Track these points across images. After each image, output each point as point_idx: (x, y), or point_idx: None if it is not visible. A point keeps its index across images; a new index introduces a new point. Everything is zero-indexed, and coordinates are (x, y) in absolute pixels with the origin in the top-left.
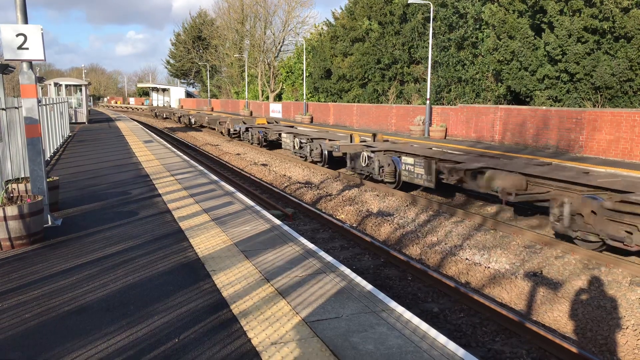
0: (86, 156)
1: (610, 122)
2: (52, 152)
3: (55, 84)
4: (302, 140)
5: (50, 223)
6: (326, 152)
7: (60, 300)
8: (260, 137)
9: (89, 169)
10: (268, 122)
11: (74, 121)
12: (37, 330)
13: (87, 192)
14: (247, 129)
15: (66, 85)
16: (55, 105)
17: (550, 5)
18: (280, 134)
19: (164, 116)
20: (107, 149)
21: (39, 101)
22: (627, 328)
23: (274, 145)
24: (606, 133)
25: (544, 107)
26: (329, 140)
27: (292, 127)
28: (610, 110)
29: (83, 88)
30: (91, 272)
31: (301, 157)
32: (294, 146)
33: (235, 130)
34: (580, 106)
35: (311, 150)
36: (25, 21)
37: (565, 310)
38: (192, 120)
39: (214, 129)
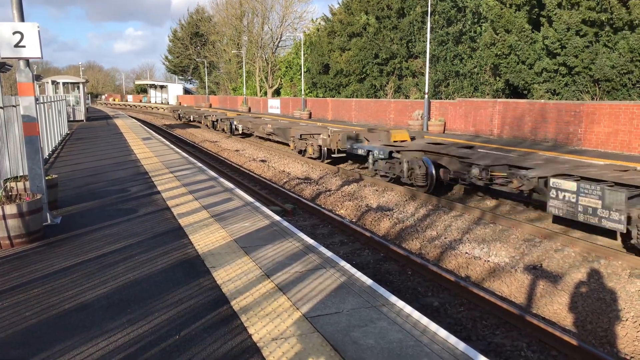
0: (85, 154)
1: (609, 115)
2: (50, 150)
3: (53, 82)
4: None
5: (49, 221)
6: None
7: (60, 298)
8: (434, 175)
9: (88, 167)
10: (412, 138)
11: (72, 119)
12: (37, 328)
13: (86, 189)
14: (392, 157)
15: (64, 83)
16: (53, 103)
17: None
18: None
19: (191, 119)
20: (105, 146)
21: (36, 99)
22: (626, 320)
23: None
24: (605, 126)
25: (542, 101)
26: None
27: (470, 147)
28: (609, 102)
29: (81, 86)
30: (91, 269)
31: None
32: None
33: (355, 152)
34: (578, 99)
35: None
36: (22, 19)
37: (565, 303)
38: (239, 127)
39: (283, 143)
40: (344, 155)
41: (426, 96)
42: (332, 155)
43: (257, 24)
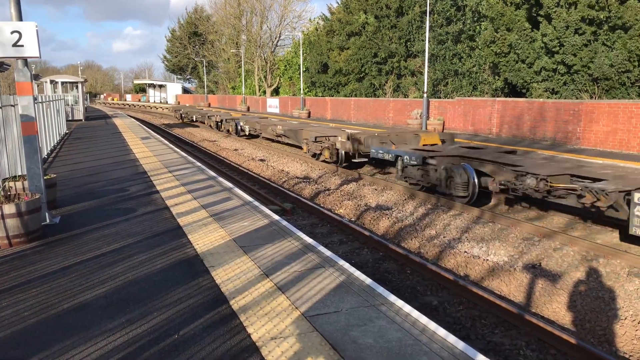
0: (83, 153)
1: (608, 114)
2: (49, 149)
3: (52, 82)
4: None
5: (48, 221)
6: None
7: (59, 298)
8: None
9: (87, 167)
10: (442, 141)
11: (70, 118)
12: (36, 328)
13: (85, 189)
14: (425, 163)
15: (62, 83)
16: (51, 102)
17: None
18: None
19: (193, 119)
20: (104, 146)
21: (35, 98)
22: (625, 319)
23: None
24: (603, 124)
25: (540, 99)
26: None
27: (512, 152)
28: (608, 101)
29: (79, 85)
30: (90, 269)
31: None
32: None
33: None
34: (577, 98)
35: None
36: (20, 18)
37: (564, 302)
38: (245, 129)
39: (294, 146)
40: (366, 160)
41: (425, 95)
42: (353, 160)
43: (255, 23)
